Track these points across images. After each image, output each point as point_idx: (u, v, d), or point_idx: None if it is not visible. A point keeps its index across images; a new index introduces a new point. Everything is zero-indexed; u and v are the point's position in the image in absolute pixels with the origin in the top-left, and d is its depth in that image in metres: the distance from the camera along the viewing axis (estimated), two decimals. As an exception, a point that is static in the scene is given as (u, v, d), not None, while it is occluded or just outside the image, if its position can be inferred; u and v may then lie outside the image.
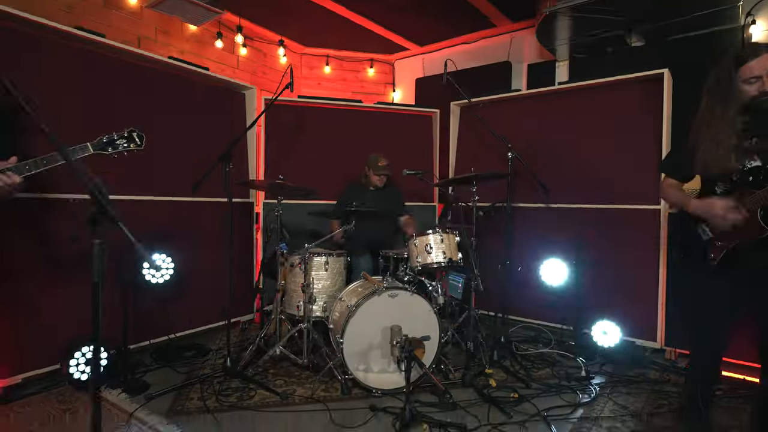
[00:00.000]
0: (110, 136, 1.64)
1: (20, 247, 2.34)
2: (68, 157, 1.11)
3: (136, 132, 1.71)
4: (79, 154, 1.56)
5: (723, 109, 1.75)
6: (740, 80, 1.70)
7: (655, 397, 2.44)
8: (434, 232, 2.71)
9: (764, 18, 3.50)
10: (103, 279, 1.14)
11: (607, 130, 3.31)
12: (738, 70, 1.70)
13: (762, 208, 1.66)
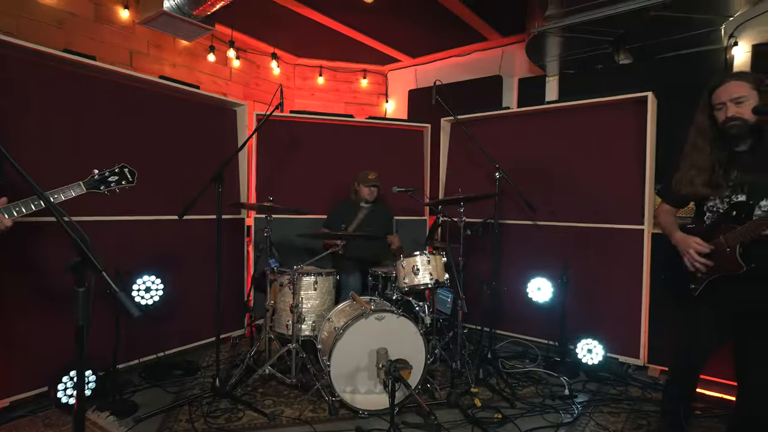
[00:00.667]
0: (102, 172, 1.67)
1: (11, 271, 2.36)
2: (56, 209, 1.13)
3: (127, 168, 1.73)
4: (71, 194, 1.58)
5: (703, 138, 1.82)
6: (711, 104, 1.78)
7: (635, 417, 2.49)
8: (421, 254, 2.76)
9: (746, 39, 3.57)
10: (88, 323, 1.17)
11: (594, 149, 3.36)
12: (710, 97, 1.79)
13: (741, 245, 1.71)
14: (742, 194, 1.75)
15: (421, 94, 5.60)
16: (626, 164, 3.21)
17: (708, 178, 1.80)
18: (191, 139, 3.29)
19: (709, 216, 1.85)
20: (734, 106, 1.70)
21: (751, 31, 3.55)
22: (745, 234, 1.69)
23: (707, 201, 1.86)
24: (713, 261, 1.78)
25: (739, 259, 1.72)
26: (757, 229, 1.66)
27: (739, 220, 1.73)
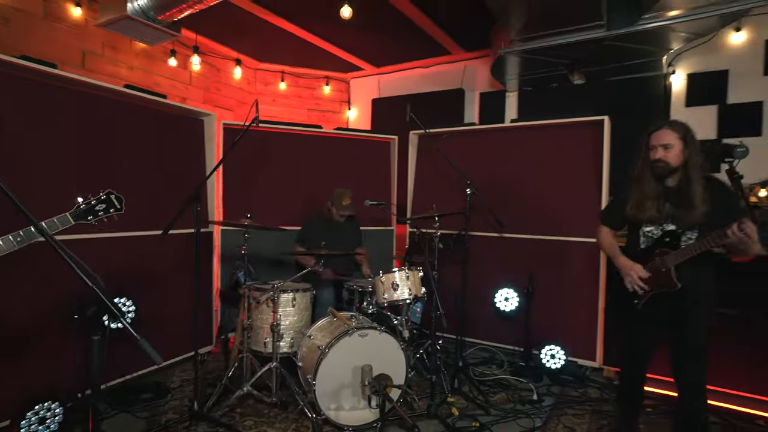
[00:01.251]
0: (87, 201, 1.57)
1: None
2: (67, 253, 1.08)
3: (114, 194, 1.64)
4: (58, 228, 1.48)
5: (644, 176, 2.08)
6: (648, 147, 2.06)
7: (597, 417, 2.72)
8: (400, 269, 2.84)
9: (682, 68, 3.97)
10: (99, 371, 1.13)
11: (555, 166, 3.60)
12: (648, 138, 2.07)
13: (675, 267, 1.98)
14: (672, 224, 2.04)
15: (384, 104, 5.68)
16: (584, 181, 3.46)
17: (656, 205, 2.06)
18: (155, 150, 3.15)
19: (644, 240, 2.13)
20: (662, 150, 2.00)
21: (687, 61, 3.95)
22: (679, 257, 1.96)
23: (644, 227, 2.12)
24: (652, 280, 2.05)
25: (675, 278, 1.99)
26: (689, 253, 1.93)
27: (671, 246, 2.01)
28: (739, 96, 3.76)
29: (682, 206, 1.98)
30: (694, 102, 3.92)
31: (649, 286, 2.06)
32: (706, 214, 1.92)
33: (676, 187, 2.03)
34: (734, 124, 3.75)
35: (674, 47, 3.75)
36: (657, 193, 2.05)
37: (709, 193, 1.96)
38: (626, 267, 2.13)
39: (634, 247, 2.17)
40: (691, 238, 1.98)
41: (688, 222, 1.98)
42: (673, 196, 2.03)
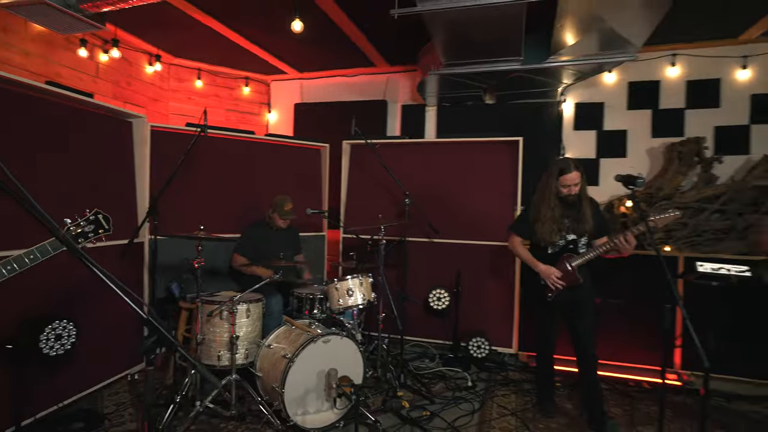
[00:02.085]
0: (76, 222, 1.45)
1: None
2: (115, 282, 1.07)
3: (102, 213, 1.54)
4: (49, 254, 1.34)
5: (549, 200, 2.66)
6: (559, 184, 2.62)
7: (521, 395, 3.20)
8: (353, 277, 3.01)
9: (572, 98, 4.76)
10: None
11: (477, 178, 4.07)
12: (558, 177, 2.62)
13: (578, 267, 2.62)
14: (571, 234, 2.68)
15: (307, 109, 5.73)
16: (502, 192, 3.99)
17: (558, 227, 2.67)
18: (78, 154, 2.86)
19: (552, 248, 2.72)
20: (574, 187, 2.60)
21: (575, 93, 4.75)
22: (582, 260, 2.63)
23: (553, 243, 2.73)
24: (562, 278, 2.66)
25: (578, 276, 2.62)
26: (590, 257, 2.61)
27: (572, 250, 2.68)
28: (612, 124, 4.65)
29: (578, 221, 2.64)
30: (580, 126, 4.74)
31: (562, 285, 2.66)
32: (592, 225, 2.62)
33: (573, 207, 2.64)
34: (608, 147, 4.64)
35: (566, 81, 4.49)
36: (561, 215, 2.66)
37: (592, 210, 2.66)
38: (546, 272, 2.70)
39: (543, 253, 2.75)
40: (583, 244, 2.69)
41: (582, 232, 2.66)
42: (571, 213, 2.65)
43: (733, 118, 4.31)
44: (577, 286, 2.64)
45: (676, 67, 4.42)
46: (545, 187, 2.71)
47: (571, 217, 2.65)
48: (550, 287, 2.68)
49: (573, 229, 2.67)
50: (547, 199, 2.67)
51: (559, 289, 2.66)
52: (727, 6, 3.56)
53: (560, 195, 2.63)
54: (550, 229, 2.66)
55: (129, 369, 3.24)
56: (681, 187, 4.20)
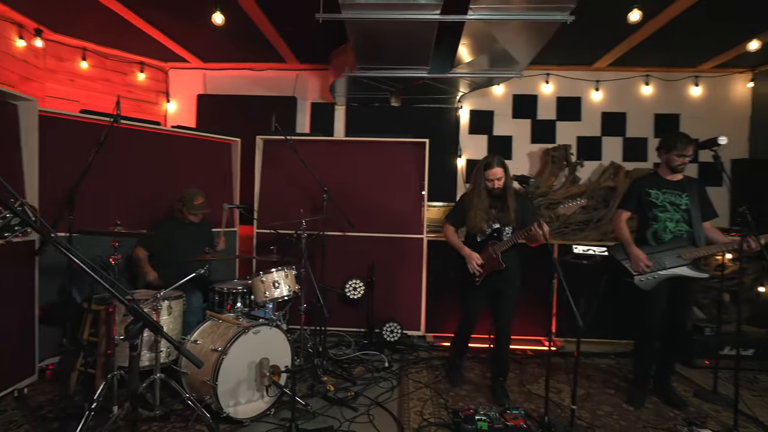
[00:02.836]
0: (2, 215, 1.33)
1: None
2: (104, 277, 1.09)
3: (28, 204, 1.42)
4: None
5: (479, 192, 3.01)
6: (485, 177, 2.97)
7: (432, 371, 3.59)
8: (278, 269, 3.09)
9: (467, 105, 5.34)
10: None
11: (389, 175, 4.38)
12: (485, 171, 2.98)
13: (501, 252, 2.96)
14: (497, 224, 3.03)
15: (212, 101, 5.51)
16: (410, 188, 4.35)
17: (486, 217, 3.02)
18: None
19: (480, 236, 3.07)
20: (497, 181, 2.96)
21: (470, 100, 5.33)
22: (503, 247, 2.96)
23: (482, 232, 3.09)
24: (487, 263, 3.00)
25: (501, 261, 2.96)
26: (509, 244, 2.95)
27: (497, 238, 3.01)
28: (500, 131, 5.33)
29: (503, 212, 2.99)
30: (474, 131, 5.34)
31: (485, 268, 3.00)
32: (516, 216, 2.97)
33: (499, 199, 3.01)
34: (497, 150, 5.30)
35: (463, 90, 5.04)
36: (488, 206, 3.01)
37: (518, 202, 3.01)
38: (469, 256, 3.03)
39: (473, 241, 3.09)
40: (508, 233, 3.00)
41: (507, 222, 3.00)
42: (497, 205, 3.01)
43: (590, 130, 5.26)
44: (502, 270, 2.96)
45: (550, 84, 5.24)
46: (476, 180, 3.04)
47: (498, 208, 2.98)
48: (476, 272, 3.00)
49: (499, 219, 2.99)
50: (477, 191, 3.01)
51: (480, 272, 2.99)
52: (584, 41, 4.37)
53: (487, 188, 2.97)
54: (480, 218, 2.97)
55: (17, 383, 2.89)
56: (554, 185, 5.01)
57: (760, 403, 3.12)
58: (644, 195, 3.00)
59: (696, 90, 5.18)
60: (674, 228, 2.93)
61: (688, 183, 2.99)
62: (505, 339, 3.10)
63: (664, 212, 2.95)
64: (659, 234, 2.96)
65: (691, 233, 2.91)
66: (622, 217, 3.09)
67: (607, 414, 2.91)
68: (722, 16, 3.76)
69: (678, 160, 2.90)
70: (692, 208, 2.91)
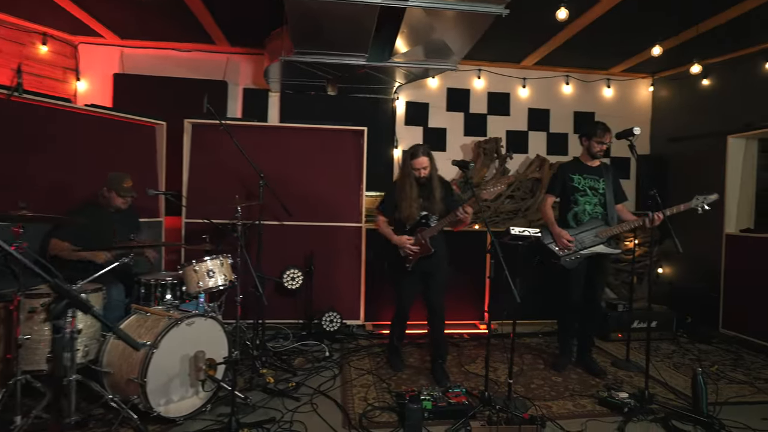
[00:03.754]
0: None
1: None
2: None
3: None
4: None
5: (408, 182, 3.07)
6: (412, 166, 3.05)
7: (373, 357, 3.59)
8: (213, 257, 2.91)
9: (404, 96, 5.40)
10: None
11: (327, 163, 4.31)
12: (411, 160, 3.06)
13: (430, 238, 3.05)
14: (424, 211, 3.13)
15: (130, 82, 5.04)
16: (349, 177, 4.31)
17: (417, 206, 3.10)
18: None
19: (409, 223, 3.14)
20: (423, 170, 3.05)
21: (406, 92, 5.40)
22: (431, 232, 3.06)
23: None
24: (417, 249, 3.08)
25: (430, 245, 3.06)
26: (437, 230, 3.04)
27: (425, 225, 3.10)
28: (435, 123, 5.46)
29: (430, 200, 3.07)
30: (410, 123, 5.42)
31: (416, 253, 3.07)
32: (443, 203, 3.06)
33: (426, 187, 3.09)
34: (432, 142, 5.41)
35: (400, 81, 5.08)
36: (417, 195, 3.08)
37: (443, 190, 3.10)
38: (401, 241, 3.09)
39: (403, 229, 3.14)
40: (435, 219, 3.09)
41: (433, 209, 3.08)
42: (424, 194, 3.09)
43: (518, 124, 5.56)
44: (431, 255, 3.06)
45: (481, 80, 5.45)
46: (404, 170, 3.11)
47: (424, 197, 3.07)
48: (408, 257, 3.07)
49: (426, 207, 3.09)
50: (406, 180, 3.07)
51: (414, 255, 3.06)
52: (513, 39, 4.61)
53: (415, 176, 3.04)
54: (409, 206, 3.05)
55: None
56: (485, 177, 5.23)
57: (663, 367, 3.50)
58: (568, 180, 3.27)
59: (608, 91, 5.68)
60: (592, 210, 3.24)
61: (605, 169, 3.32)
62: (439, 321, 3.19)
63: (584, 196, 3.25)
64: (579, 216, 3.26)
65: (605, 214, 3.24)
66: (548, 201, 3.36)
67: (538, 386, 3.10)
68: (630, 25, 4.16)
69: (597, 146, 3.21)
70: (608, 191, 3.24)
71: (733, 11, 3.83)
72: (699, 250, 4.82)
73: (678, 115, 5.44)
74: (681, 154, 5.26)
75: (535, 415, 2.47)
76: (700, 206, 2.87)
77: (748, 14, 3.83)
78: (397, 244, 3.10)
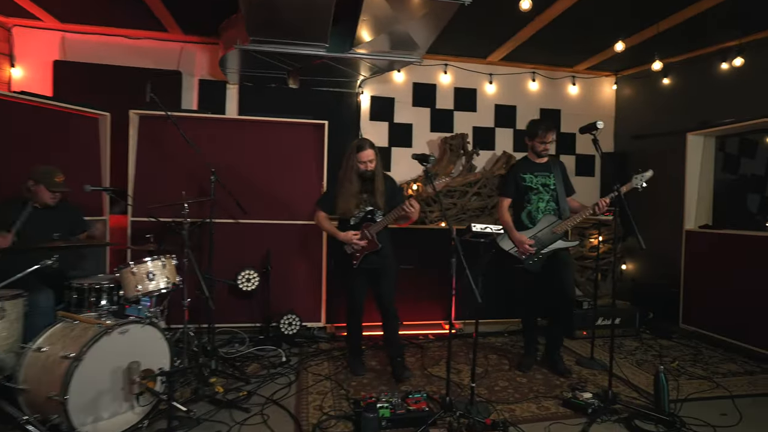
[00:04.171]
0: None
1: None
2: None
3: None
4: None
5: (350, 176, 2.96)
6: (357, 160, 2.93)
7: (333, 362, 3.42)
8: (154, 258, 2.67)
9: (368, 91, 5.23)
10: None
11: (285, 158, 4.10)
12: (357, 153, 2.94)
13: (377, 233, 2.94)
14: (369, 206, 3.02)
15: (73, 70, 4.67)
16: (309, 173, 4.12)
17: (357, 201, 2.99)
18: None
19: (354, 219, 3.03)
20: (369, 164, 2.94)
21: (371, 86, 5.24)
22: (378, 227, 2.95)
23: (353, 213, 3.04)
24: (364, 246, 2.96)
25: (377, 241, 2.96)
26: (383, 224, 2.93)
27: (370, 220, 3.00)
28: (400, 118, 5.32)
29: (374, 195, 2.98)
30: (375, 118, 5.26)
31: (363, 249, 2.96)
32: (386, 198, 2.98)
33: (369, 182, 2.98)
34: (398, 138, 5.29)
35: (364, 74, 4.91)
36: (359, 190, 2.97)
37: (387, 185, 3.04)
38: (347, 237, 2.97)
39: (347, 225, 3.03)
40: (380, 214, 3.00)
41: (378, 204, 2.99)
42: (368, 189, 2.99)
43: (484, 121, 5.49)
44: (378, 251, 2.96)
45: (448, 75, 5.35)
46: (347, 164, 2.98)
47: (369, 192, 2.97)
48: (355, 254, 2.96)
49: (370, 202, 3.00)
50: (348, 175, 2.95)
51: (361, 251, 2.95)
52: (479, 33, 4.53)
53: (359, 171, 2.93)
54: (351, 202, 2.94)
55: None
56: (452, 173, 5.14)
57: (626, 364, 3.48)
58: (520, 180, 3.25)
59: (573, 89, 5.69)
60: (545, 207, 3.22)
61: (553, 163, 3.31)
62: (392, 319, 3.11)
63: (537, 194, 3.22)
64: (533, 214, 3.23)
65: (558, 209, 3.22)
66: (504, 204, 3.30)
67: (503, 389, 3.00)
68: (592, 22, 4.15)
69: (540, 146, 3.20)
70: (558, 185, 3.23)
71: (690, 11, 3.85)
72: (661, 247, 4.89)
73: (641, 113, 5.50)
74: (644, 152, 5.32)
75: (497, 420, 2.37)
76: (638, 184, 2.92)
77: (704, 14, 3.86)
78: (344, 241, 2.99)
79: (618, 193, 2.76)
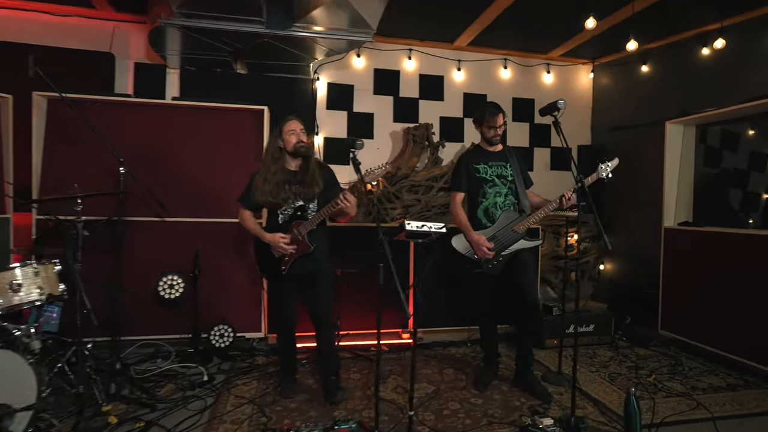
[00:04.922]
0: None
1: None
2: None
3: None
4: None
5: (274, 160, 2.53)
6: (284, 135, 2.51)
7: (264, 380, 2.98)
8: (23, 265, 2.21)
9: (324, 77, 4.79)
10: None
11: (219, 148, 3.65)
12: (282, 126, 2.52)
13: (309, 233, 2.51)
14: (300, 200, 2.57)
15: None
16: (247, 164, 3.65)
17: (284, 194, 2.54)
18: None
19: (282, 217, 2.59)
20: (301, 133, 2.53)
21: (328, 72, 4.79)
22: (309, 226, 2.51)
23: (280, 207, 2.58)
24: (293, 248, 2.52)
25: (309, 242, 2.52)
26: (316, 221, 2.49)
27: (302, 217, 2.55)
28: (360, 107, 4.89)
29: (306, 185, 2.52)
30: (333, 106, 4.82)
31: (291, 255, 2.53)
32: (321, 189, 2.54)
33: (300, 171, 2.55)
34: (358, 128, 4.85)
35: (318, 58, 4.47)
36: (284, 178, 2.52)
37: (322, 174, 2.59)
38: (274, 240, 2.51)
39: (275, 223, 2.58)
40: (313, 209, 2.56)
41: (311, 196, 2.54)
42: (298, 178, 2.53)
43: (452, 110, 5.08)
44: (311, 254, 2.53)
45: (412, 60, 4.93)
46: (271, 145, 2.57)
47: (299, 182, 2.54)
48: (283, 258, 2.53)
49: (301, 195, 2.55)
50: (272, 159, 2.53)
51: (291, 255, 2.52)
52: (438, 13, 4.11)
53: (289, 148, 2.51)
54: (273, 191, 2.50)
55: None
56: (417, 167, 4.72)
57: (597, 378, 3.10)
58: (473, 171, 2.86)
59: (548, 77, 5.30)
60: (503, 203, 2.83)
61: (509, 152, 2.92)
62: (327, 330, 2.71)
63: (493, 187, 2.82)
64: (490, 211, 2.83)
65: (518, 204, 2.84)
66: (457, 199, 2.90)
67: (452, 413, 2.59)
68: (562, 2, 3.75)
69: (490, 132, 2.84)
70: (516, 177, 2.84)
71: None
72: (640, 245, 4.53)
73: (619, 103, 5.13)
74: (622, 144, 4.95)
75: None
76: (604, 174, 2.55)
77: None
78: (270, 243, 2.54)
79: (582, 185, 2.36)
